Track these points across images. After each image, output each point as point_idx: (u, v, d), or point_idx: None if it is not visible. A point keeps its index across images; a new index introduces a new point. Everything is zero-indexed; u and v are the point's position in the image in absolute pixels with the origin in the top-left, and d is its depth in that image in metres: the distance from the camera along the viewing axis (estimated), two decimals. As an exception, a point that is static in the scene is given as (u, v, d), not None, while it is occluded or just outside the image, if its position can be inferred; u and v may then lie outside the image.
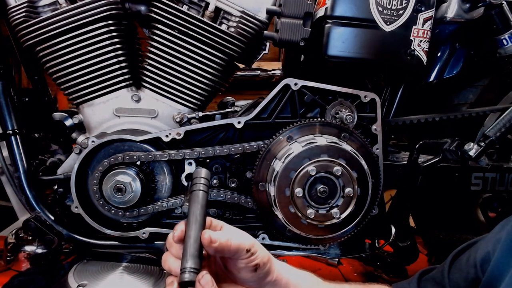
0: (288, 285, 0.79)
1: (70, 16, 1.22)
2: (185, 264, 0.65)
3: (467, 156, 1.22)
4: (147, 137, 1.24)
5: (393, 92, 1.36)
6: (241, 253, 0.72)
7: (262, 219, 1.25)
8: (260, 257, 0.74)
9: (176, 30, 1.26)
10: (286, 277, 0.80)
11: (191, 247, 0.67)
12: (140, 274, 1.33)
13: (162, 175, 1.27)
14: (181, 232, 0.71)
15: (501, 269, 0.70)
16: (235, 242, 0.71)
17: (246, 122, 1.24)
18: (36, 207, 1.30)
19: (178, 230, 0.72)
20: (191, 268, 0.65)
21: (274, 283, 0.78)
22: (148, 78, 1.30)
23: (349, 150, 1.14)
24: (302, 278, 0.83)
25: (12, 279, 1.35)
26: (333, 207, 1.13)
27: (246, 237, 0.75)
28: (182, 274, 0.65)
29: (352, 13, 1.18)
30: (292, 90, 1.24)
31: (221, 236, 0.70)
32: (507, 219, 0.76)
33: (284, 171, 1.12)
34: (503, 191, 1.40)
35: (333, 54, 1.20)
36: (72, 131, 1.35)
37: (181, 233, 0.71)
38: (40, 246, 1.35)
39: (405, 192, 1.37)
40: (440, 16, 1.37)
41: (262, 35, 1.28)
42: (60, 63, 1.26)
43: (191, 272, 0.65)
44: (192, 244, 0.67)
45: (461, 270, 0.79)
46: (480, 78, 1.50)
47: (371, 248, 1.37)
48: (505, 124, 1.22)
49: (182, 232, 0.71)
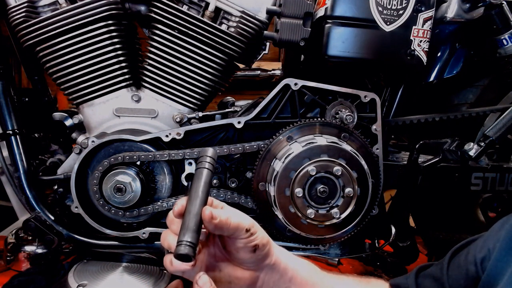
0: (286, 270, 0.79)
1: (70, 16, 1.22)
2: (182, 237, 0.63)
3: (467, 156, 1.22)
4: (147, 137, 1.24)
5: (393, 92, 1.36)
6: (240, 232, 0.72)
7: (262, 219, 1.25)
8: (259, 238, 0.74)
9: (176, 30, 1.26)
10: (285, 262, 0.80)
11: (190, 222, 0.65)
12: (140, 274, 1.33)
13: (162, 175, 1.27)
14: (182, 207, 0.70)
15: (500, 268, 0.70)
16: (235, 220, 0.71)
17: (246, 122, 1.24)
18: (36, 207, 1.30)
19: (179, 205, 0.71)
20: (187, 242, 0.62)
21: (272, 267, 0.78)
22: (148, 78, 1.30)
23: (349, 150, 1.14)
24: (300, 265, 0.83)
25: (12, 279, 1.35)
26: (333, 207, 1.13)
27: (246, 218, 0.74)
28: (178, 247, 0.63)
29: (352, 13, 1.18)
30: (292, 90, 1.24)
31: (221, 213, 0.70)
32: (506, 217, 0.75)
33: (284, 171, 1.12)
34: (503, 191, 1.40)
35: (333, 54, 1.20)
36: (72, 131, 1.35)
37: (181, 207, 0.70)
38: (40, 246, 1.35)
39: (405, 192, 1.37)
40: (440, 16, 1.37)
41: (262, 35, 1.28)
42: (60, 63, 1.26)
43: (187, 245, 0.62)
44: (191, 218, 0.66)
45: (460, 267, 0.79)
46: (480, 78, 1.50)
47: (371, 248, 1.37)
48: (505, 124, 1.22)
49: (182, 207, 0.70)
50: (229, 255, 0.77)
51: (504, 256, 0.70)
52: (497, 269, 0.70)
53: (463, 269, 0.78)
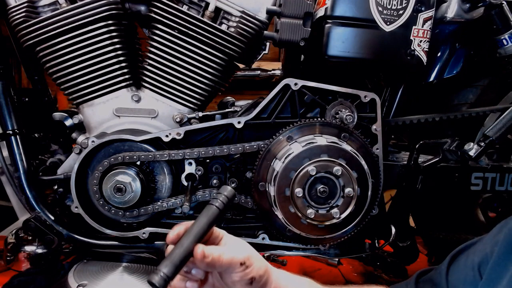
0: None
1: (70, 16, 1.22)
2: (161, 267, 0.64)
3: (467, 156, 1.22)
4: (147, 137, 1.24)
5: (393, 92, 1.36)
6: (234, 267, 0.72)
7: (262, 219, 1.25)
8: (255, 270, 0.74)
9: (176, 30, 1.26)
10: (285, 285, 0.80)
11: (176, 255, 0.66)
12: (140, 274, 1.33)
13: (162, 175, 1.27)
14: (176, 237, 0.71)
15: (499, 272, 0.69)
16: (227, 256, 0.71)
17: (246, 122, 1.24)
18: (36, 207, 1.30)
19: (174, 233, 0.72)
20: (163, 274, 0.64)
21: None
22: (148, 78, 1.30)
23: (349, 150, 1.14)
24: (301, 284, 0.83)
25: (12, 279, 1.35)
26: (333, 207, 1.13)
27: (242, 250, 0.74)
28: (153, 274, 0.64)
29: (352, 13, 1.18)
30: (292, 90, 1.24)
31: (214, 251, 0.70)
32: (505, 221, 0.75)
33: (284, 171, 1.12)
34: (503, 191, 1.40)
35: (333, 54, 1.20)
36: (72, 131, 1.35)
37: (175, 237, 0.71)
38: (40, 246, 1.35)
39: (405, 192, 1.37)
40: (440, 16, 1.37)
41: (262, 35, 1.28)
42: (60, 63, 1.26)
43: (161, 277, 0.63)
44: (180, 252, 0.67)
45: (459, 272, 0.79)
46: (480, 78, 1.50)
47: (371, 248, 1.36)
48: (505, 124, 1.22)
49: (177, 237, 0.71)
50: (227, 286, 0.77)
51: (503, 260, 0.70)
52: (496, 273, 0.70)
53: (462, 274, 0.78)
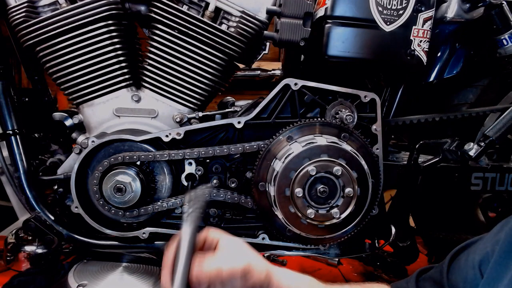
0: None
1: (70, 16, 1.22)
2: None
3: (467, 156, 1.22)
4: (147, 137, 1.24)
5: (393, 92, 1.36)
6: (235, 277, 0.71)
7: (262, 219, 1.25)
8: (256, 276, 0.74)
9: (176, 30, 1.26)
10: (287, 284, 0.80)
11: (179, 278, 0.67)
12: (140, 274, 1.33)
13: (162, 175, 1.27)
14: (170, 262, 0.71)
15: (500, 271, 0.69)
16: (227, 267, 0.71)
17: (246, 122, 1.24)
18: (36, 207, 1.30)
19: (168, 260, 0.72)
20: None
21: None
22: (148, 78, 1.30)
23: (349, 150, 1.14)
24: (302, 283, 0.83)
25: (12, 279, 1.35)
26: (333, 207, 1.12)
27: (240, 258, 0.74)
28: None
29: (352, 13, 1.18)
30: (292, 90, 1.24)
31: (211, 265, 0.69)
32: (506, 220, 0.75)
33: (284, 171, 1.12)
34: (503, 191, 1.40)
35: (333, 54, 1.20)
36: (72, 131, 1.35)
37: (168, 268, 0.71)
38: (40, 246, 1.35)
39: (405, 192, 1.37)
40: (440, 16, 1.37)
41: (262, 35, 1.28)
42: (60, 63, 1.26)
43: None
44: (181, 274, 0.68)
45: (460, 271, 0.79)
46: (480, 78, 1.50)
47: (371, 248, 1.36)
48: (505, 124, 1.22)
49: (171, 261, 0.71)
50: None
51: (504, 259, 0.69)
52: (497, 272, 0.70)
53: (462, 273, 0.78)
